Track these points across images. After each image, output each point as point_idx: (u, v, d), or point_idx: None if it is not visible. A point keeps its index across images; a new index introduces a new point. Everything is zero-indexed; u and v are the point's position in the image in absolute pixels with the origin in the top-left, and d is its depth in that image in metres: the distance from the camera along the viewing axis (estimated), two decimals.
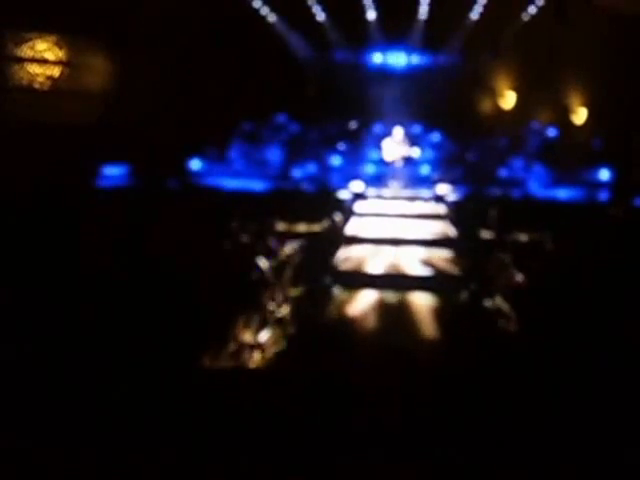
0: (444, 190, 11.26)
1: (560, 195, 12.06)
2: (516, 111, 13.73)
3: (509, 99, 13.82)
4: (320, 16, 13.35)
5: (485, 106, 13.93)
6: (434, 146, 13.62)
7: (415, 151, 12.74)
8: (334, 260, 7.71)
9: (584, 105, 13.43)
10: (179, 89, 12.16)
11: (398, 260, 7.88)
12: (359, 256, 8.05)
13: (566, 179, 12.50)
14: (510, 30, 13.13)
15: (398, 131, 12.53)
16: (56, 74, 10.87)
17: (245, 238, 6.62)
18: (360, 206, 10.59)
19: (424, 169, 13.11)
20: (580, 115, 13.52)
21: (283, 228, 8.24)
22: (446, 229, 9.30)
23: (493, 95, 13.92)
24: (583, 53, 11.98)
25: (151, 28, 11.21)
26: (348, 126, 13.70)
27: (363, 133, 13.69)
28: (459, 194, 11.16)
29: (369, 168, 13.06)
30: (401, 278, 7.32)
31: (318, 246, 7.54)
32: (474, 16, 13.06)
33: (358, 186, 11.37)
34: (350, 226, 9.28)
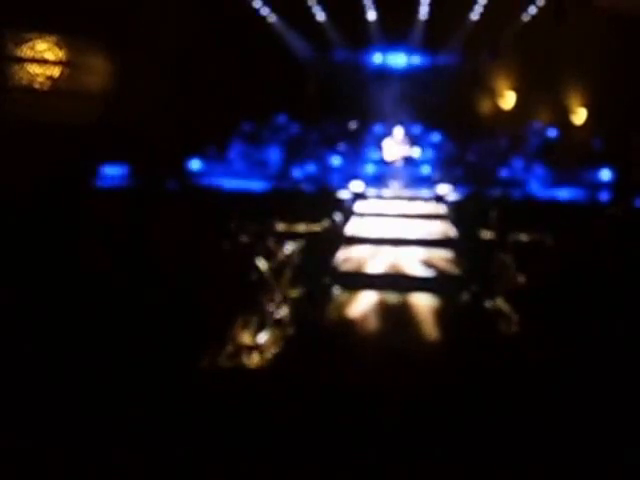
0: (444, 190, 11.24)
1: (560, 195, 12.05)
2: (516, 111, 13.75)
3: (509, 99, 13.83)
4: (320, 16, 13.36)
5: (485, 106, 13.94)
6: (434, 146, 13.62)
7: (415, 151, 12.74)
8: (334, 261, 7.69)
9: (584, 105, 13.44)
10: (179, 89, 12.16)
11: (398, 261, 7.85)
12: (359, 257, 8.02)
13: (566, 179, 12.50)
14: (510, 30, 13.14)
15: (398, 131, 12.52)
16: (56, 74, 10.87)
17: (244, 238, 6.60)
18: (360, 206, 10.57)
19: (424, 169, 13.10)
20: (580, 115, 13.53)
21: (283, 228, 8.22)
22: (446, 229, 9.29)
23: (493, 95, 13.93)
24: (583, 53, 11.99)
25: (151, 28, 11.21)
26: (348, 126, 13.69)
27: (363, 133, 13.68)
28: (459, 194, 11.15)
29: (369, 168, 13.05)
30: (401, 279, 7.29)
31: (318, 246, 7.52)
32: (474, 16, 13.07)
33: (358, 186, 11.35)
34: (350, 226, 9.26)
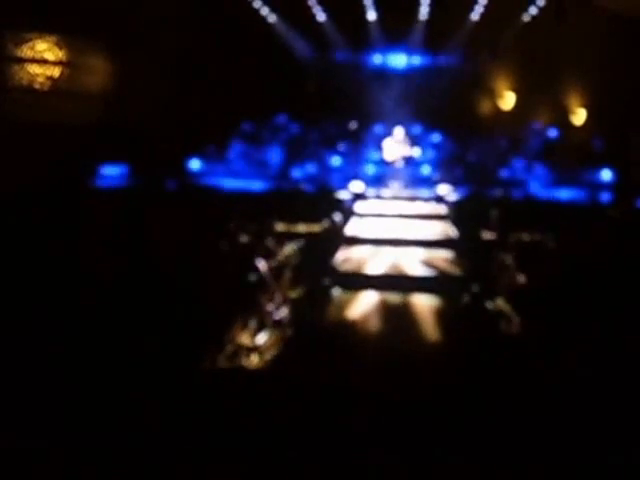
0: (445, 190, 11.23)
1: (561, 196, 12.05)
2: (516, 112, 13.73)
3: (509, 100, 13.82)
4: (320, 16, 13.35)
5: (485, 106, 13.93)
6: (435, 146, 13.61)
7: (416, 151, 12.73)
8: (334, 261, 7.69)
9: (584, 106, 13.43)
10: (179, 89, 12.16)
11: (398, 261, 7.84)
12: (359, 257, 8.01)
13: (566, 180, 12.49)
14: (510, 31, 13.13)
15: (399, 131, 12.52)
16: (56, 74, 10.87)
17: (244, 238, 6.59)
18: (360, 206, 10.56)
19: (425, 169, 13.09)
20: (580, 116, 13.53)
21: (282, 228, 8.21)
22: (447, 230, 9.27)
23: (493, 95, 13.92)
24: (583, 53, 11.98)
25: (151, 28, 11.21)
26: (348, 126, 13.68)
27: (363, 133, 13.67)
28: (460, 194, 11.14)
29: (369, 168, 13.04)
30: (401, 279, 7.27)
31: (318, 247, 7.51)
32: (474, 17, 13.07)
33: (358, 186, 11.34)
34: (350, 227, 9.25)
